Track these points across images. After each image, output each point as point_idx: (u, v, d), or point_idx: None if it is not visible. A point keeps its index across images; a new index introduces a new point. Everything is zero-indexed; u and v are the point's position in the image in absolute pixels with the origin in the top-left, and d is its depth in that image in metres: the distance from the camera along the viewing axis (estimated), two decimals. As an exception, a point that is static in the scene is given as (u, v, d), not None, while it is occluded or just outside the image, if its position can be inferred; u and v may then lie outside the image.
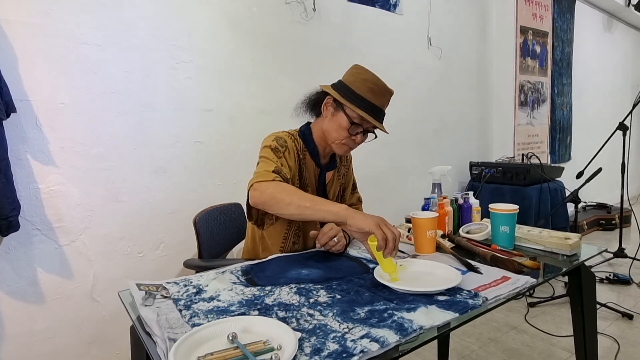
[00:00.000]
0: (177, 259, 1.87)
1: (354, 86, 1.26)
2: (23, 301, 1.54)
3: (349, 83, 1.27)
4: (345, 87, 1.27)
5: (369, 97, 1.25)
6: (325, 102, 1.31)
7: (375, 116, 1.26)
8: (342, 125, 1.27)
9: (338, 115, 1.28)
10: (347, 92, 1.26)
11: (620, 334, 2.15)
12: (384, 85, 1.27)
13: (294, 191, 1.13)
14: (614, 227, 4.18)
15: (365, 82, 1.25)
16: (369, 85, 1.25)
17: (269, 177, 1.15)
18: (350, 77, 1.29)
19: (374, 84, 1.26)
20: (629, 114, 3.00)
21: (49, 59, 1.54)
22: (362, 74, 1.28)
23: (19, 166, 1.50)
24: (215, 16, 1.96)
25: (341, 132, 1.28)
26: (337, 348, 0.71)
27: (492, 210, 1.32)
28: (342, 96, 1.26)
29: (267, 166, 1.19)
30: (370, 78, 1.27)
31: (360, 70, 1.29)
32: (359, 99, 1.24)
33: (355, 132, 1.28)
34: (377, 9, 2.64)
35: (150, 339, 0.78)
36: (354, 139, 1.30)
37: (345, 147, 1.31)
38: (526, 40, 3.89)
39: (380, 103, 1.27)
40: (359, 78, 1.27)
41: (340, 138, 1.29)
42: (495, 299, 0.92)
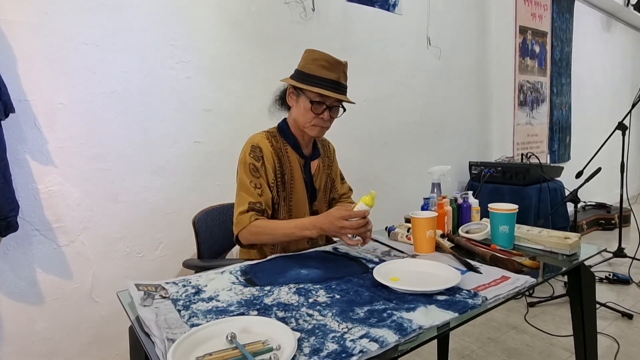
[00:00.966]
0: (176, 259, 1.87)
1: (307, 69, 1.31)
2: (22, 302, 1.53)
3: (302, 67, 1.33)
4: (299, 73, 1.33)
5: (322, 74, 1.29)
6: (288, 92, 1.37)
7: (334, 89, 1.30)
8: (306, 107, 1.32)
9: (300, 99, 1.33)
10: (301, 76, 1.31)
11: (619, 333, 2.15)
12: (333, 59, 1.31)
13: (271, 229, 1.26)
14: (613, 227, 4.18)
15: (315, 62, 1.31)
16: (320, 62, 1.30)
17: (245, 222, 1.26)
18: (302, 62, 1.35)
19: (324, 60, 1.30)
20: (628, 114, 3.00)
21: (47, 59, 1.54)
22: (311, 54, 1.33)
23: (17, 166, 1.49)
24: (214, 16, 1.96)
25: (307, 114, 1.32)
26: (336, 348, 0.71)
27: (491, 210, 1.32)
28: (298, 80, 1.31)
29: (242, 206, 1.28)
30: (319, 57, 1.31)
31: (309, 52, 1.35)
32: (312, 78, 1.29)
33: (320, 110, 1.32)
34: (376, 9, 2.64)
35: (149, 339, 0.78)
36: (322, 118, 1.33)
37: (317, 127, 1.35)
38: (525, 40, 3.89)
39: (335, 77, 1.30)
40: (309, 59, 1.32)
41: (308, 120, 1.33)
42: (494, 299, 0.92)
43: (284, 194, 1.37)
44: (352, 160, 2.48)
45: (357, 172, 2.54)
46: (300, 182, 1.40)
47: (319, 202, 1.46)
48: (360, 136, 2.61)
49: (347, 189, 1.61)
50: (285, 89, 1.41)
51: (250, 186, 1.30)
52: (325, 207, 1.49)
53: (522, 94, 3.92)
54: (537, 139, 4.15)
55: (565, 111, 4.57)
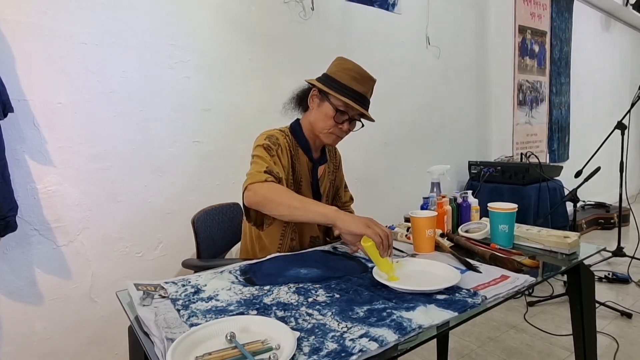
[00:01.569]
0: (175, 259, 1.86)
1: (337, 76, 1.29)
2: (21, 302, 1.53)
3: (332, 74, 1.31)
4: (329, 78, 1.31)
5: (352, 85, 1.28)
6: (311, 94, 1.35)
7: (360, 103, 1.29)
8: (328, 114, 1.30)
9: (324, 105, 1.32)
10: (330, 81, 1.30)
11: (619, 332, 2.16)
12: (366, 73, 1.31)
13: (285, 192, 1.16)
14: (612, 226, 4.18)
15: (347, 71, 1.29)
16: (351, 74, 1.29)
17: (261, 178, 1.16)
18: (333, 68, 1.33)
19: (356, 72, 1.29)
20: (628, 113, 3.01)
21: (46, 59, 1.53)
22: (345, 64, 1.32)
23: (16, 166, 1.49)
24: (213, 16, 1.95)
25: (328, 121, 1.31)
26: (335, 347, 0.71)
27: (490, 209, 1.32)
28: (326, 86, 1.29)
29: (259, 167, 1.20)
30: (352, 67, 1.30)
31: (342, 61, 1.33)
32: (342, 87, 1.28)
33: (342, 120, 1.31)
34: (376, 9, 2.64)
35: (148, 339, 0.78)
36: (340, 128, 1.32)
37: (333, 136, 1.34)
38: (525, 39, 3.90)
39: (363, 90, 1.30)
40: (341, 68, 1.31)
41: (327, 127, 1.32)
42: (494, 298, 0.92)
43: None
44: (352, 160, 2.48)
45: (357, 171, 2.54)
46: (307, 185, 1.39)
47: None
48: (360, 136, 2.59)
49: (348, 197, 1.61)
50: (305, 90, 1.38)
51: (267, 156, 1.24)
52: None
53: (522, 93, 3.92)
54: (536, 139, 4.16)
55: (565, 111, 4.57)
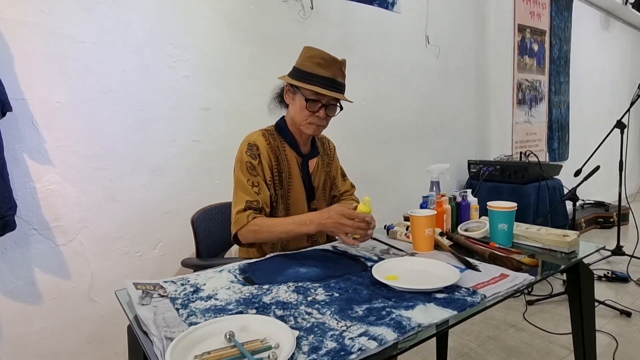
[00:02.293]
0: (175, 258, 1.86)
1: (302, 66, 1.30)
2: (20, 301, 1.53)
3: (298, 65, 1.32)
4: (296, 70, 1.32)
5: (317, 72, 1.28)
6: (285, 90, 1.36)
7: (330, 87, 1.28)
8: (302, 105, 1.31)
9: (296, 97, 1.33)
10: (297, 73, 1.31)
11: (618, 331, 2.16)
12: (329, 56, 1.30)
13: (270, 228, 1.25)
14: (612, 225, 4.18)
15: (310, 59, 1.30)
16: (315, 60, 1.29)
17: (244, 222, 1.25)
18: (299, 59, 1.34)
19: (319, 57, 1.29)
20: (627, 112, 3.00)
21: (45, 58, 1.53)
22: (308, 52, 1.33)
23: (15, 165, 1.49)
24: (212, 15, 1.95)
25: (303, 113, 1.32)
26: (335, 346, 0.71)
27: (490, 208, 1.32)
28: (294, 78, 1.31)
29: (240, 204, 1.28)
30: (314, 54, 1.30)
31: (306, 50, 1.34)
32: (308, 76, 1.28)
33: (316, 109, 1.31)
34: (375, 8, 2.63)
35: (148, 338, 0.78)
36: (318, 116, 1.32)
37: (312, 125, 1.34)
38: (524, 38, 3.89)
39: (331, 74, 1.28)
40: (305, 57, 1.32)
41: (304, 118, 1.33)
42: (493, 297, 0.92)
43: (282, 192, 1.37)
44: (351, 158, 2.48)
45: (357, 170, 2.53)
46: (298, 181, 1.39)
47: (318, 200, 1.45)
48: (359, 135, 2.61)
49: (349, 186, 1.61)
50: (283, 87, 1.40)
51: (247, 185, 1.30)
52: (325, 205, 1.48)
53: (521, 92, 3.92)
54: (535, 138, 4.16)
55: (564, 110, 4.57)
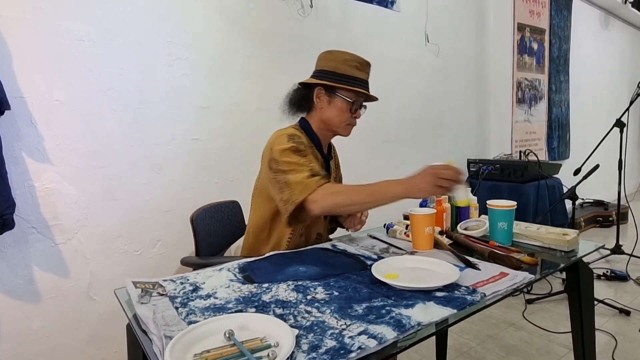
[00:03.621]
0: (174, 257, 1.86)
1: (339, 69, 1.31)
2: (19, 300, 1.53)
3: (333, 68, 1.32)
4: (330, 73, 1.31)
5: (356, 74, 1.31)
6: (317, 93, 1.34)
7: (367, 89, 1.34)
8: (342, 108, 1.32)
9: (335, 100, 1.33)
10: (335, 76, 1.31)
11: (617, 330, 2.16)
12: (363, 59, 1.34)
13: (348, 191, 1.16)
14: (611, 224, 4.19)
15: (347, 62, 1.31)
16: (352, 64, 1.31)
17: (313, 186, 1.16)
18: (330, 63, 1.33)
19: (356, 60, 1.32)
20: (626, 111, 3.00)
21: (43, 56, 1.53)
22: (340, 55, 1.33)
23: (13, 164, 1.48)
24: (211, 13, 1.95)
25: (344, 115, 1.33)
26: (334, 345, 0.71)
27: (490, 207, 1.32)
28: (333, 81, 1.30)
29: (302, 174, 1.18)
30: (349, 57, 1.32)
31: (336, 53, 1.34)
32: (348, 79, 1.30)
33: (355, 110, 1.34)
34: (375, 6, 2.63)
35: (147, 337, 0.78)
36: (355, 117, 1.36)
37: (350, 127, 1.38)
38: (523, 37, 3.89)
39: (365, 77, 1.34)
40: (340, 60, 1.32)
41: (344, 120, 1.35)
42: (493, 295, 0.92)
43: None
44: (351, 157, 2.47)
45: (356, 169, 2.53)
46: None
47: None
48: (359, 133, 2.58)
49: None
50: (299, 90, 1.37)
51: (303, 161, 1.21)
52: None
53: (520, 91, 3.92)
54: (535, 137, 4.16)
55: (565, 108, 4.57)
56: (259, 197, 1.35)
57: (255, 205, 1.38)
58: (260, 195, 1.34)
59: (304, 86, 1.38)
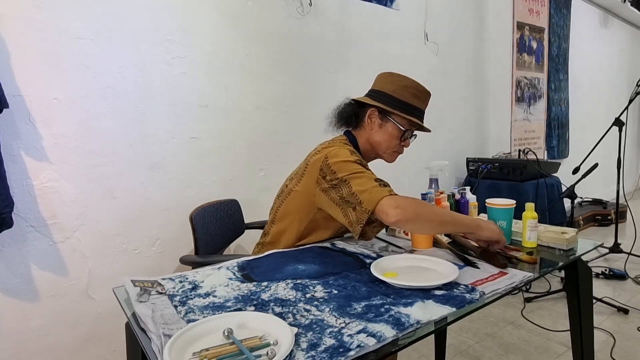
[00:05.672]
0: (173, 256, 1.86)
1: (398, 94, 1.28)
2: (17, 299, 1.53)
3: (391, 92, 1.29)
4: (388, 97, 1.29)
5: (414, 103, 1.29)
6: (369, 114, 1.31)
7: (422, 119, 1.32)
8: (393, 134, 1.30)
9: (387, 125, 1.30)
10: (393, 101, 1.28)
11: (615, 328, 2.17)
12: (424, 88, 1.32)
13: (430, 208, 1.10)
14: (609, 223, 4.20)
15: (407, 89, 1.29)
16: (412, 91, 1.29)
17: (384, 192, 1.07)
18: (390, 86, 1.30)
19: (416, 89, 1.30)
20: (625, 110, 3.01)
21: (41, 54, 1.52)
22: (401, 80, 1.31)
23: (12, 162, 1.48)
24: (210, 11, 1.94)
25: (393, 141, 1.31)
26: (333, 343, 0.71)
27: (489, 205, 1.32)
28: (390, 106, 1.28)
29: (369, 180, 1.11)
30: (411, 84, 1.30)
31: (397, 77, 1.32)
32: (407, 107, 1.28)
33: (406, 138, 1.32)
34: (374, 4, 2.62)
35: (146, 336, 0.77)
36: (403, 145, 1.34)
37: (396, 154, 1.36)
38: (523, 35, 3.89)
39: (424, 107, 1.32)
40: (400, 86, 1.29)
41: (392, 147, 1.33)
42: (492, 294, 0.92)
43: None
44: (350, 156, 2.48)
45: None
46: None
47: None
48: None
49: None
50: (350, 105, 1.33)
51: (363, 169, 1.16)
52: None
53: (520, 90, 3.92)
54: (534, 135, 4.16)
55: (564, 107, 4.58)
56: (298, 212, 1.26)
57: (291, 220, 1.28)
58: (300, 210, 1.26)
59: (356, 103, 1.34)
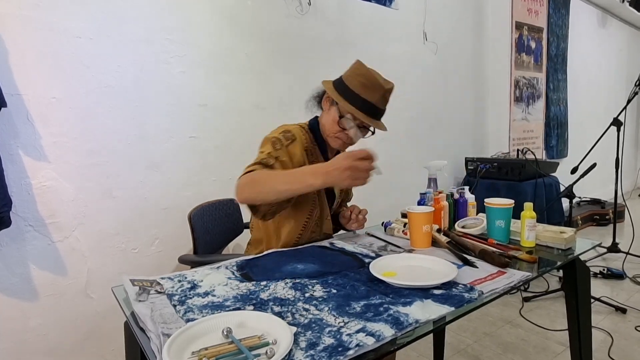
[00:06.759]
0: (172, 255, 1.86)
1: (348, 81, 1.26)
2: (16, 298, 1.52)
3: (344, 78, 1.28)
4: (341, 83, 1.28)
5: (359, 92, 1.23)
6: (325, 95, 1.32)
7: (367, 112, 1.24)
8: (334, 118, 1.28)
9: (332, 108, 1.30)
10: (340, 86, 1.27)
11: (613, 327, 2.17)
12: (376, 80, 1.23)
13: (266, 178, 1.10)
14: (607, 222, 4.21)
15: (357, 77, 1.24)
16: (360, 79, 1.23)
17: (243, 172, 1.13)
18: (347, 72, 1.29)
19: (365, 78, 1.23)
20: (623, 110, 3.01)
21: (40, 53, 1.52)
22: (358, 68, 1.27)
23: (10, 161, 1.48)
24: (209, 10, 1.94)
25: (334, 126, 1.29)
26: (332, 342, 0.71)
27: (487, 205, 1.32)
28: (336, 90, 1.26)
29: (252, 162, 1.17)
30: (363, 72, 1.24)
31: (357, 65, 1.29)
32: (350, 94, 1.24)
33: (348, 127, 1.27)
34: (373, 4, 2.62)
35: (145, 335, 0.77)
36: (347, 134, 1.29)
37: (339, 140, 1.31)
38: (521, 35, 3.90)
39: (373, 99, 1.24)
40: (353, 73, 1.27)
41: (333, 131, 1.30)
42: (490, 293, 0.92)
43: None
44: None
45: (354, 167, 2.53)
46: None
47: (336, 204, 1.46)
48: (357, 132, 2.61)
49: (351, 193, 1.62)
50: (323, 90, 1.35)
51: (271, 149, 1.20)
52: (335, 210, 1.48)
53: (518, 89, 3.92)
54: (532, 135, 4.17)
55: (563, 107, 4.58)
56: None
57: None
58: None
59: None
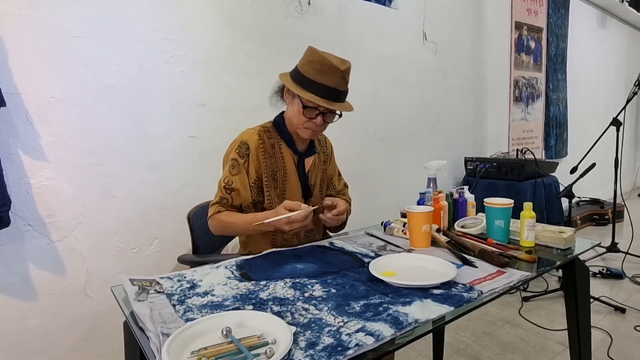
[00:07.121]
0: (171, 255, 1.86)
1: (303, 70, 1.25)
2: (15, 298, 1.52)
3: (300, 67, 1.27)
4: (297, 73, 1.27)
5: (316, 79, 1.22)
6: (285, 89, 1.32)
7: (329, 97, 1.23)
8: (299, 110, 1.28)
9: (294, 101, 1.30)
10: (297, 77, 1.26)
11: (612, 327, 2.17)
12: (330, 63, 1.21)
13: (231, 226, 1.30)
14: (607, 222, 4.21)
15: (311, 64, 1.23)
16: (314, 66, 1.22)
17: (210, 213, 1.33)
18: (300, 61, 1.29)
19: (320, 64, 1.22)
20: (623, 110, 3.02)
21: (39, 52, 1.51)
22: (310, 55, 1.26)
23: (9, 161, 1.47)
24: (209, 10, 1.94)
25: (300, 117, 1.29)
26: (332, 342, 0.71)
27: (487, 205, 1.32)
28: (294, 81, 1.26)
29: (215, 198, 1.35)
30: (316, 59, 1.23)
31: (309, 52, 1.28)
32: (307, 83, 1.23)
33: (313, 115, 1.27)
34: (372, 3, 2.62)
35: (144, 334, 0.77)
36: (314, 122, 1.28)
37: (308, 130, 1.31)
38: (521, 35, 3.90)
39: (332, 82, 1.22)
40: (306, 61, 1.26)
41: (301, 123, 1.30)
42: (490, 293, 0.92)
43: (277, 191, 1.35)
44: (348, 155, 2.48)
45: (353, 167, 2.53)
46: (295, 179, 1.38)
47: (315, 198, 1.44)
48: (356, 131, 2.61)
49: (342, 185, 1.59)
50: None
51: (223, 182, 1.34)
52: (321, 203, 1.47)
53: (518, 89, 3.93)
54: (532, 135, 4.17)
55: (563, 107, 4.58)
56: None
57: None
58: None
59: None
